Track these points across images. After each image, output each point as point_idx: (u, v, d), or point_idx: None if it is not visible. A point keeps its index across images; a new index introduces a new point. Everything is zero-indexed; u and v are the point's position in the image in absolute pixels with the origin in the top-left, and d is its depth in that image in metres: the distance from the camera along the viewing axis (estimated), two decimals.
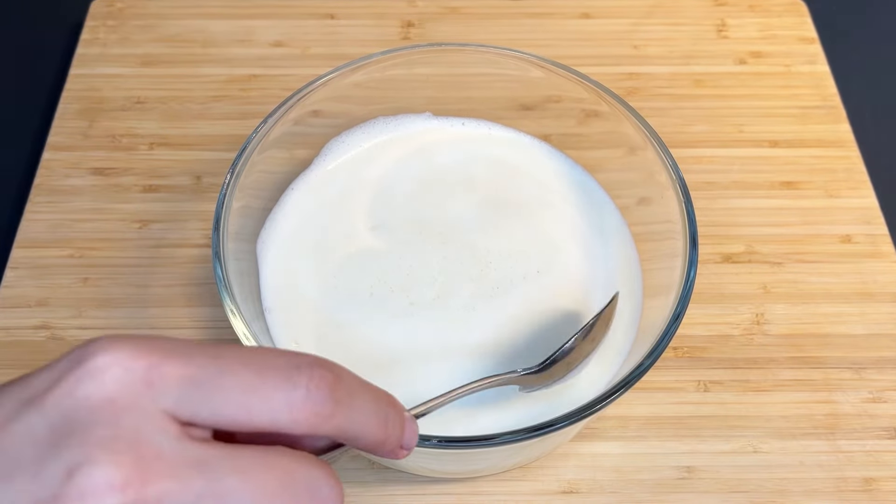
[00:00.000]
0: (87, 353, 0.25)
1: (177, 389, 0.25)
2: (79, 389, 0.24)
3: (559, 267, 0.48)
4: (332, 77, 0.50)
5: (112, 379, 0.24)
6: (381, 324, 0.46)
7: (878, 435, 0.49)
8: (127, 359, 0.25)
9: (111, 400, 0.24)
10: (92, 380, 0.24)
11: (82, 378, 0.24)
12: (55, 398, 0.24)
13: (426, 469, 0.46)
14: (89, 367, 0.25)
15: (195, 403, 0.25)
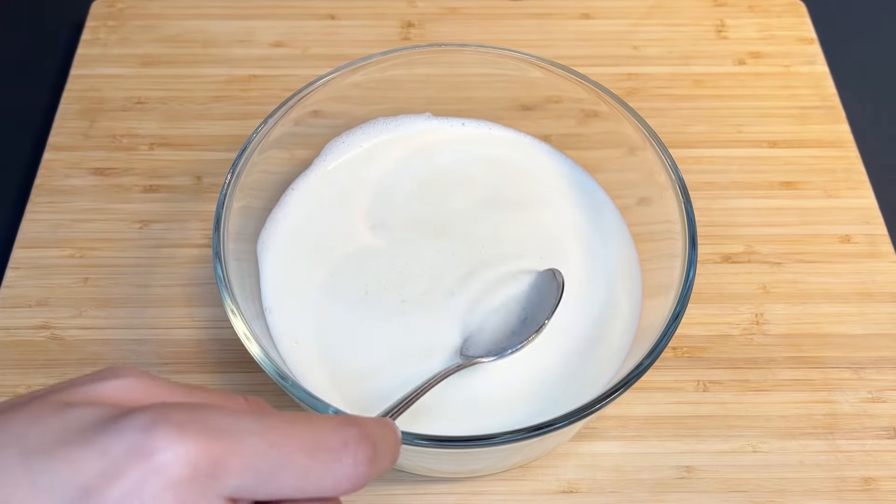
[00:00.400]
0: (149, 443, 0.24)
1: (238, 480, 0.25)
2: (146, 488, 0.24)
3: (559, 267, 0.48)
4: (332, 77, 0.50)
5: (179, 477, 0.24)
6: (381, 323, 0.46)
7: (878, 435, 0.49)
8: (193, 454, 0.24)
9: (180, 497, 0.24)
10: (159, 476, 0.24)
11: (148, 475, 0.24)
12: (121, 493, 0.24)
13: (426, 469, 0.46)
14: (155, 463, 0.24)
15: (252, 490, 0.26)
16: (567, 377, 0.45)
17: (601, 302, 0.47)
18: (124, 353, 0.50)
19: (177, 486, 0.24)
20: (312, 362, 0.45)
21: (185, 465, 0.24)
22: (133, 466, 0.24)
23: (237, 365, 0.50)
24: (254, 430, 0.26)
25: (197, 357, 0.51)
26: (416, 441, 0.38)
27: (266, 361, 0.40)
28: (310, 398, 0.39)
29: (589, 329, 0.46)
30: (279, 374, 0.39)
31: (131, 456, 0.24)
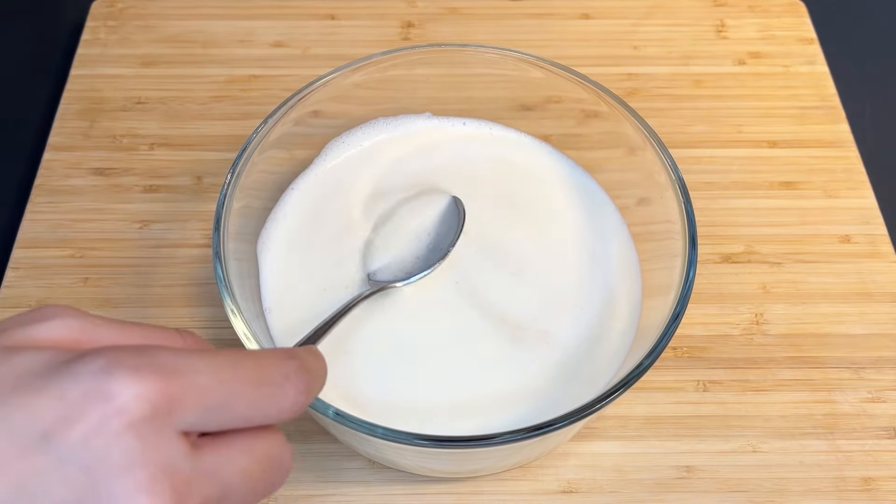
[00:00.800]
0: (107, 386, 0.25)
1: (191, 416, 0.26)
2: (107, 428, 0.25)
3: (559, 267, 0.48)
4: (332, 77, 0.50)
5: (139, 417, 0.25)
6: (380, 321, 0.46)
7: (878, 435, 0.49)
8: (151, 394, 0.25)
9: (139, 436, 0.25)
10: (119, 417, 0.25)
11: (109, 416, 0.25)
12: (82, 436, 0.25)
13: (426, 469, 0.46)
14: (115, 405, 0.25)
15: (204, 423, 0.27)
16: (567, 377, 0.45)
17: (601, 302, 0.47)
18: None
19: (137, 425, 0.25)
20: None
21: (143, 406, 0.25)
22: (92, 409, 0.25)
23: None
24: (203, 368, 0.27)
25: None
26: (416, 441, 0.38)
27: None
28: None
29: (589, 329, 0.46)
30: None
31: (89, 399, 0.25)
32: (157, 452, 0.25)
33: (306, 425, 0.48)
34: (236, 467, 0.28)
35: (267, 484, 0.30)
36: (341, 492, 0.46)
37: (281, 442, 0.30)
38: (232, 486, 0.28)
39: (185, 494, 0.26)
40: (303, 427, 0.48)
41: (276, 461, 0.30)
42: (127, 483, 0.25)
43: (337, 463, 0.47)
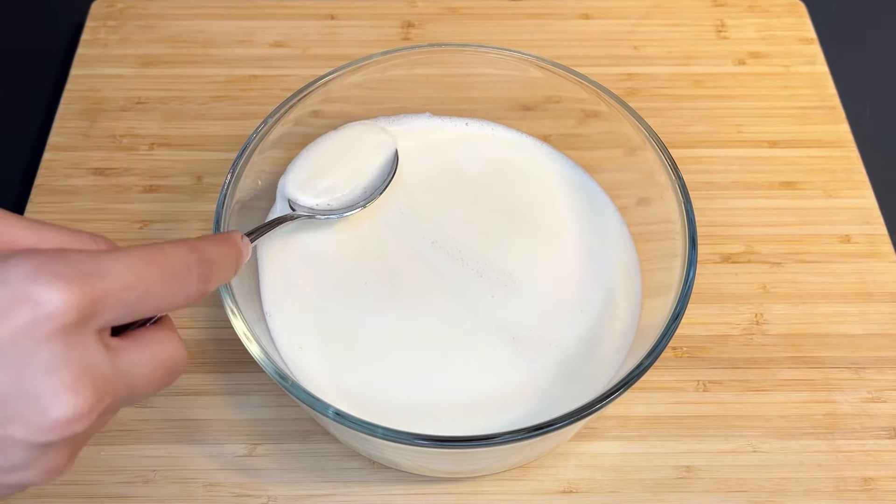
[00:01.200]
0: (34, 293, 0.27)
1: (112, 314, 0.29)
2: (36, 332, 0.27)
3: (559, 267, 0.48)
4: (332, 77, 0.50)
5: (67, 321, 0.27)
6: (382, 320, 0.46)
7: (878, 435, 0.49)
8: (78, 299, 0.27)
9: (66, 338, 0.27)
10: (49, 321, 0.27)
11: (38, 320, 0.27)
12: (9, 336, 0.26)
13: (426, 469, 0.46)
14: (44, 310, 0.27)
15: (122, 318, 0.29)
16: (567, 377, 0.45)
17: (601, 302, 0.47)
18: None
19: (63, 328, 0.27)
20: (313, 363, 0.45)
21: (69, 310, 0.27)
22: (19, 312, 0.27)
23: (237, 365, 0.50)
24: (121, 268, 0.29)
25: (197, 357, 0.51)
26: (416, 441, 0.38)
27: (266, 362, 0.40)
28: (310, 399, 0.39)
29: (589, 329, 0.46)
30: (279, 375, 0.40)
31: (18, 303, 0.27)
32: (81, 354, 0.28)
33: (306, 425, 0.48)
34: (143, 370, 0.31)
35: (163, 384, 0.32)
36: (341, 492, 0.46)
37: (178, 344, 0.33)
38: (137, 387, 0.31)
39: (103, 393, 0.28)
40: (303, 427, 0.48)
41: (173, 364, 0.32)
42: (52, 381, 0.27)
43: (337, 463, 0.47)
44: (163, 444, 0.48)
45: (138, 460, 0.47)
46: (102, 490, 0.46)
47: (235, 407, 0.49)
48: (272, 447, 0.48)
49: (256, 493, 0.46)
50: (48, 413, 0.27)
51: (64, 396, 0.27)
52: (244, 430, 0.48)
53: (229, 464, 0.47)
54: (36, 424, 0.27)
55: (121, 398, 0.30)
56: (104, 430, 0.48)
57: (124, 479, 0.47)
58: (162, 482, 0.46)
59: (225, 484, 0.47)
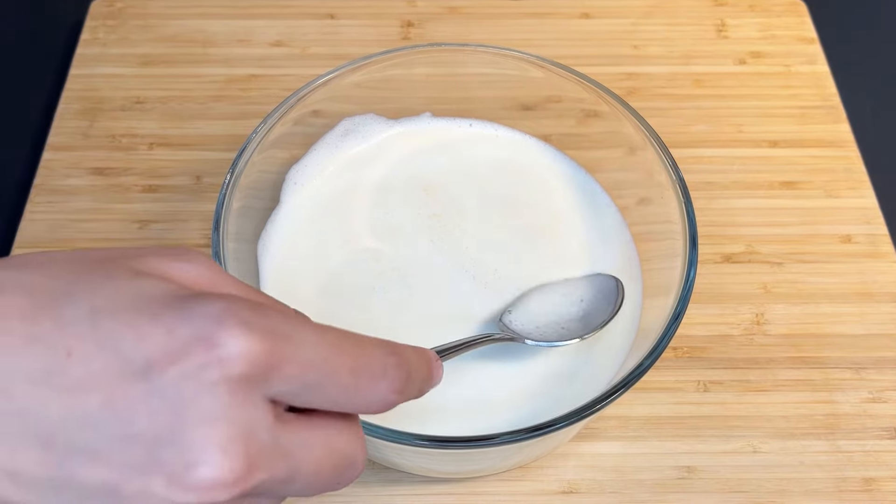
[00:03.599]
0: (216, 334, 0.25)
1: (286, 386, 0.26)
2: (204, 375, 0.24)
3: (559, 267, 0.48)
4: (331, 77, 0.50)
5: (237, 372, 0.25)
6: (383, 323, 0.46)
7: (878, 435, 0.49)
8: (255, 353, 0.25)
9: (232, 392, 0.25)
10: (219, 367, 0.25)
11: (209, 364, 0.25)
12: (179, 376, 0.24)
13: (426, 469, 0.46)
14: (218, 354, 0.25)
15: (293, 397, 0.27)
16: (567, 377, 0.45)
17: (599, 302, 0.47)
18: None
19: (232, 380, 0.25)
20: None
21: (244, 363, 0.25)
22: (196, 352, 0.25)
23: None
24: (311, 340, 0.27)
25: None
26: (416, 441, 0.38)
27: None
28: None
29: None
30: None
31: (197, 342, 0.25)
32: (243, 413, 0.25)
33: None
34: (312, 455, 0.28)
35: (333, 481, 0.29)
36: (341, 492, 0.46)
37: (359, 443, 0.30)
38: (301, 472, 0.27)
39: (256, 463, 0.25)
40: None
41: (349, 460, 0.29)
42: (206, 433, 0.24)
43: None
44: None
45: None
46: None
47: None
48: None
49: None
50: (193, 468, 0.24)
51: (213, 454, 0.24)
52: None
53: None
54: (178, 478, 0.24)
55: (277, 479, 0.26)
56: None
57: None
58: None
59: None
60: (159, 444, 0.24)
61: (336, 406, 0.28)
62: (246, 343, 0.25)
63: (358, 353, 0.28)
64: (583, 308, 0.46)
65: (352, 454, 0.29)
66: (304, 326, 0.27)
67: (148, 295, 0.26)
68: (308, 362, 0.26)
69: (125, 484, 0.25)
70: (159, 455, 0.24)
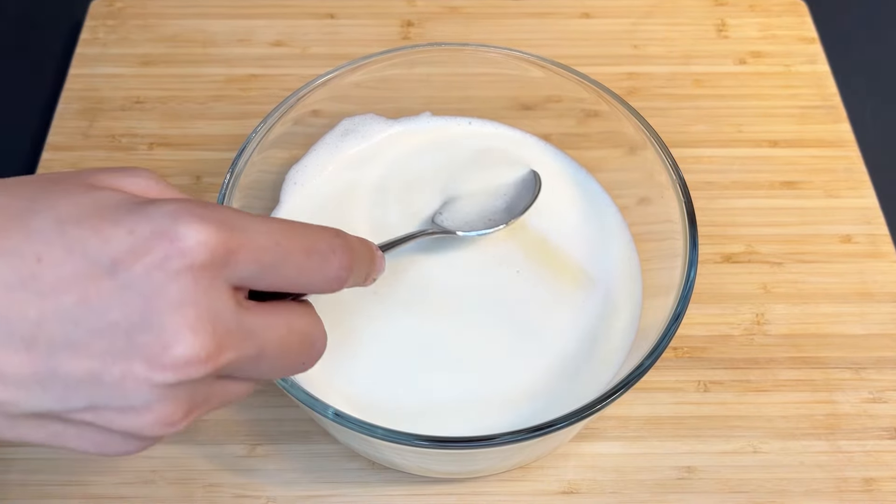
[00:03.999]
0: (174, 229, 0.27)
1: (245, 271, 0.29)
2: (168, 266, 0.27)
3: (559, 267, 0.48)
4: (331, 77, 0.50)
5: (198, 261, 0.27)
6: (383, 323, 0.46)
7: (879, 435, 0.49)
8: (212, 242, 0.28)
9: (196, 279, 0.28)
10: (181, 258, 0.27)
11: (171, 255, 0.27)
12: (144, 269, 0.27)
13: (426, 469, 0.46)
14: (179, 246, 0.27)
15: (255, 280, 0.30)
16: (568, 377, 0.45)
17: (601, 302, 0.47)
18: None
19: (195, 268, 0.27)
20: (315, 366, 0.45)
21: (204, 252, 0.28)
22: (158, 247, 0.27)
23: None
24: (262, 229, 0.30)
25: None
26: (416, 442, 0.38)
27: None
28: (310, 399, 0.39)
29: (589, 329, 0.46)
30: None
31: (157, 237, 0.27)
32: (208, 297, 0.28)
33: (306, 426, 0.48)
34: (275, 334, 0.30)
35: (298, 359, 0.32)
36: (341, 492, 0.46)
37: (317, 322, 0.33)
38: (267, 351, 0.30)
39: (224, 342, 0.28)
40: (303, 427, 0.48)
41: (310, 338, 0.32)
42: (176, 317, 0.27)
43: (337, 463, 0.47)
44: (163, 444, 0.47)
45: (138, 460, 0.47)
46: (102, 490, 0.46)
47: (235, 407, 0.49)
48: (272, 447, 0.48)
49: (256, 494, 0.46)
50: (169, 349, 0.27)
51: (185, 334, 0.27)
52: (244, 431, 0.48)
53: (229, 464, 0.47)
54: (156, 359, 0.27)
55: (246, 357, 0.29)
56: None
57: (124, 480, 0.46)
58: (161, 483, 0.46)
59: (224, 484, 0.46)
60: (135, 332, 0.27)
61: (295, 286, 0.31)
62: (203, 234, 0.28)
63: (306, 236, 0.31)
64: (506, 200, 0.49)
65: (312, 333, 0.32)
66: (253, 218, 0.30)
67: (105, 204, 0.28)
68: (262, 247, 0.29)
69: (107, 370, 0.27)
70: (136, 341, 0.27)
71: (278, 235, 0.30)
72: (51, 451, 0.47)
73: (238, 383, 0.31)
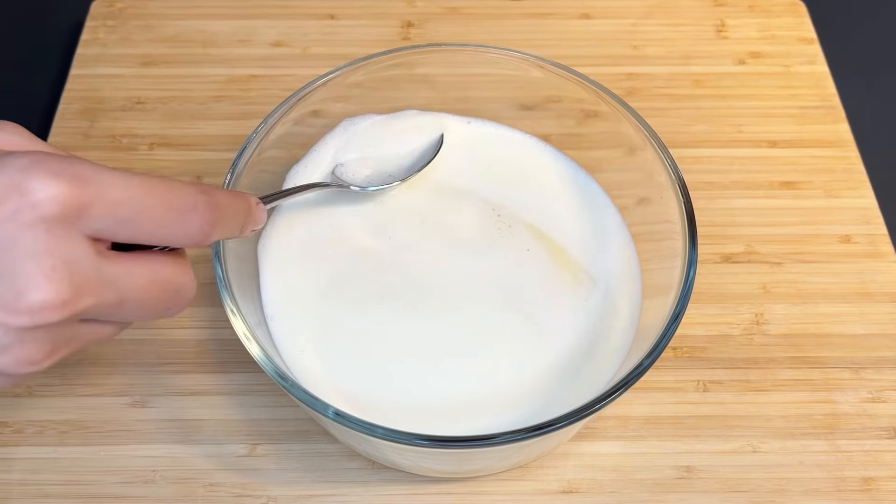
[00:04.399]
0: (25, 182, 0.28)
1: (100, 223, 0.30)
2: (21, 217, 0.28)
3: (558, 267, 0.48)
4: (332, 77, 0.50)
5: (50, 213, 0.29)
6: (384, 323, 0.46)
7: (878, 435, 0.49)
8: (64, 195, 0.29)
9: (48, 230, 0.29)
10: (33, 210, 0.28)
11: (23, 207, 0.28)
12: None
13: (426, 469, 0.46)
14: (30, 199, 0.28)
15: (112, 233, 0.31)
16: (567, 377, 0.45)
17: (601, 302, 0.47)
18: (125, 352, 0.50)
19: (47, 219, 0.29)
20: (314, 364, 0.45)
21: (54, 204, 0.29)
22: (9, 199, 0.28)
23: (237, 365, 0.50)
24: (119, 183, 0.30)
25: (197, 357, 0.51)
26: (416, 441, 0.38)
27: (265, 362, 0.40)
28: (310, 399, 0.39)
29: (589, 329, 0.46)
30: (279, 375, 0.39)
31: (9, 190, 0.28)
32: (62, 247, 0.29)
33: (306, 425, 0.48)
34: (136, 282, 0.32)
35: (161, 306, 0.33)
36: (341, 492, 0.46)
37: (184, 271, 0.34)
38: (128, 298, 0.32)
39: (81, 289, 0.30)
40: (303, 427, 0.48)
41: (175, 286, 0.33)
42: (30, 266, 0.28)
43: (337, 463, 0.47)
44: (163, 444, 0.48)
45: (138, 460, 0.47)
46: (102, 490, 0.46)
47: (235, 407, 0.49)
48: (272, 447, 0.48)
49: (256, 493, 0.46)
50: (22, 295, 0.28)
51: (39, 281, 0.28)
52: (244, 430, 0.48)
53: (229, 464, 0.47)
54: (10, 305, 0.28)
55: (105, 304, 0.31)
56: (105, 427, 0.48)
57: (124, 479, 0.46)
58: (162, 482, 0.46)
59: (225, 484, 0.46)
60: None
61: (155, 240, 0.32)
62: (53, 188, 0.28)
63: (167, 192, 0.31)
64: (410, 160, 0.51)
65: (178, 283, 0.33)
66: (111, 172, 0.30)
67: None
68: (116, 201, 0.30)
69: None
70: None
71: (135, 190, 0.30)
72: (51, 451, 0.47)
73: (103, 325, 0.33)
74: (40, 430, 0.48)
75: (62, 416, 0.48)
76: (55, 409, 0.49)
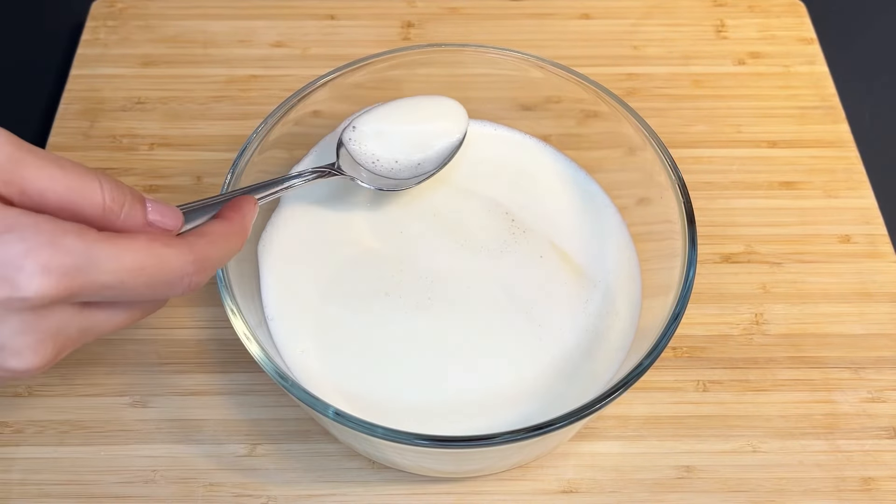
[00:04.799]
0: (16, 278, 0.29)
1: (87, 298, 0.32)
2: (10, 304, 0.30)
3: (558, 268, 0.48)
4: (332, 77, 0.50)
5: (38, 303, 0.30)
6: (381, 322, 0.46)
7: (877, 435, 0.49)
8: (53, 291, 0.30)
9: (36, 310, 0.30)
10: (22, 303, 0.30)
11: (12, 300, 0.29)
12: None
13: (426, 469, 0.46)
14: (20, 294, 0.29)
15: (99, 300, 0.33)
16: (567, 377, 0.45)
17: (601, 302, 0.47)
18: (125, 352, 0.50)
19: (35, 306, 0.30)
20: (314, 364, 0.45)
21: (45, 299, 0.30)
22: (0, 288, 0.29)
23: (237, 365, 0.50)
24: (110, 269, 0.31)
25: (197, 357, 0.51)
26: (415, 441, 0.38)
27: (266, 361, 0.40)
28: (310, 399, 0.39)
29: (588, 329, 0.46)
30: (279, 374, 0.40)
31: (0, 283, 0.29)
32: (48, 322, 0.31)
33: (306, 425, 0.48)
34: (112, 323, 0.34)
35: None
36: (341, 492, 0.46)
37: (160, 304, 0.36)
38: (104, 331, 0.34)
39: (65, 347, 0.32)
40: (303, 427, 0.48)
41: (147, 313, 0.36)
42: (18, 342, 0.31)
43: (337, 463, 0.47)
44: (163, 444, 0.48)
45: (138, 460, 0.47)
46: (102, 490, 0.46)
47: (235, 407, 0.49)
48: (272, 447, 0.48)
49: (256, 493, 0.46)
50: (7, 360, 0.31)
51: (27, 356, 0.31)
52: (244, 430, 0.48)
53: (229, 464, 0.47)
54: None
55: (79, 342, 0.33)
56: (105, 427, 0.48)
57: (124, 479, 0.47)
58: (162, 482, 0.46)
59: (225, 484, 0.47)
60: None
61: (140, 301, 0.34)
62: (44, 285, 0.30)
63: (157, 271, 0.32)
64: (419, 151, 0.50)
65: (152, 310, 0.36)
66: (103, 254, 0.31)
67: None
68: (104, 285, 0.31)
69: None
70: None
71: (124, 275, 0.31)
72: (51, 451, 0.47)
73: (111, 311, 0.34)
74: (40, 429, 0.48)
75: (62, 416, 0.48)
76: (55, 408, 0.49)
